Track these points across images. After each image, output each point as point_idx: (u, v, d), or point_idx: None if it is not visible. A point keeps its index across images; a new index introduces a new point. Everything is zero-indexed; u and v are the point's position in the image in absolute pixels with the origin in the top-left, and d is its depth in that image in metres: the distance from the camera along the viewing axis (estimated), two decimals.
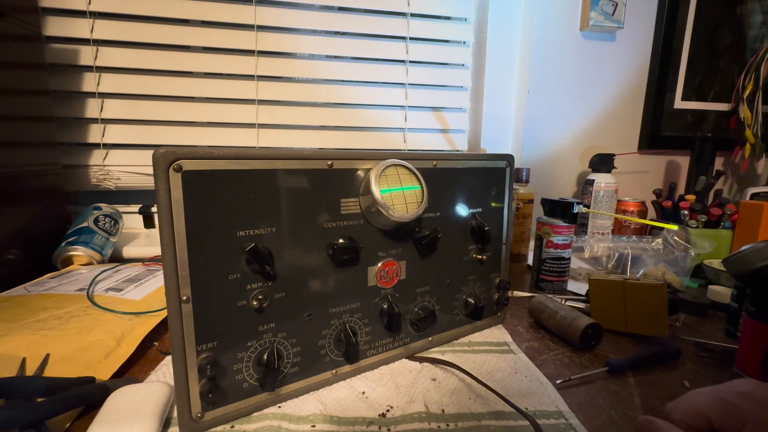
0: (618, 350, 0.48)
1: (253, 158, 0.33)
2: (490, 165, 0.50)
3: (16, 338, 0.40)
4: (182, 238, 0.30)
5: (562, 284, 0.66)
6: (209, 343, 0.33)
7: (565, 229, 0.64)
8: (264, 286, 0.35)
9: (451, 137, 1.01)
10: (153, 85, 0.83)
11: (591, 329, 0.48)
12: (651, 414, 0.29)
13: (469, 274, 0.50)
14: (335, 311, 0.40)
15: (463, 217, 0.48)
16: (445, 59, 0.98)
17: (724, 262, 0.43)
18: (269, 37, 0.86)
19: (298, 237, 0.36)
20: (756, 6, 1.03)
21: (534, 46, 0.96)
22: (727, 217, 0.81)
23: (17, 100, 0.66)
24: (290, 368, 0.37)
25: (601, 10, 0.95)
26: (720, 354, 0.47)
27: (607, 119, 1.05)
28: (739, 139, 1.04)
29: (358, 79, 0.93)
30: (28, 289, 0.54)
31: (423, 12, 0.93)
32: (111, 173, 0.84)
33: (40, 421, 0.30)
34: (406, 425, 0.34)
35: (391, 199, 0.39)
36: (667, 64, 1.02)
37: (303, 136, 0.92)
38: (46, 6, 0.76)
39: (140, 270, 0.63)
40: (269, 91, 0.88)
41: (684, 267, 0.68)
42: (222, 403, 0.34)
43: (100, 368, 0.39)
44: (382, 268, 0.42)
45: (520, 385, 0.40)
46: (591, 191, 0.93)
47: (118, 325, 0.45)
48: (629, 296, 0.51)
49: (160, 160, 0.29)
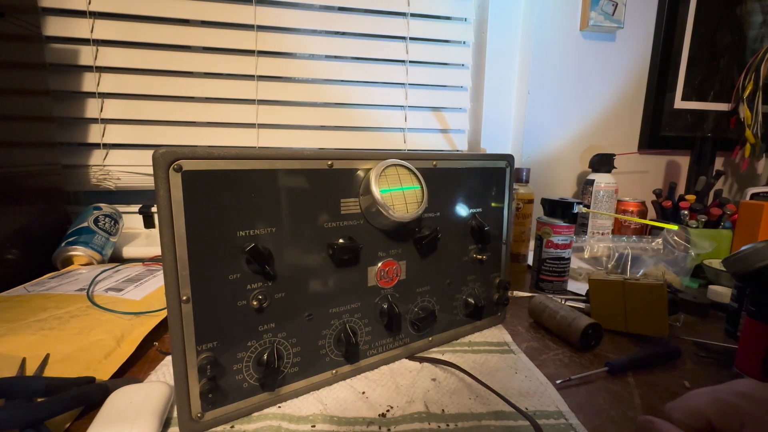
0: (618, 350, 0.48)
1: (253, 158, 0.33)
2: (490, 165, 0.50)
3: (16, 338, 0.40)
4: (182, 238, 0.30)
5: (562, 284, 0.66)
6: (209, 343, 0.33)
7: (565, 229, 0.64)
8: (264, 286, 0.35)
9: (451, 137, 1.01)
10: (153, 85, 0.83)
11: (591, 329, 0.48)
12: (651, 414, 0.29)
13: (469, 274, 0.50)
14: (335, 311, 0.40)
15: (463, 217, 0.48)
16: (445, 59, 0.98)
17: (724, 262, 0.43)
18: (269, 37, 0.86)
19: (298, 237, 0.36)
20: (756, 6, 1.03)
21: (534, 46, 0.96)
22: (727, 217, 0.81)
23: (17, 100, 0.66)
24: (290, 368, 0.37)
25: (601, 10, 0.95)
26: (720, 354, 0.47)
27: (607, 119, 1.05)
28: (739, 139, 1.04)
29: (358, 79, 0.93)
30: (28, 289, 0.54)
31: (423, 12, 0.93)
32: (111, 173, 0.84)
33: (40, 421, 0.30)
34: (406, 425, 0.34)
35: (391, 199, 0.39)
36: (667, 64, 1.02)
37: (303, 136, 0.92)
38: (46, 6, 0.76)
39: (140, 270, 0.63)
40: (269, 91, 0.88)
41: (684, 267, 0.68)
42: (222, 403, 0.34)
43: (100, 368, 0.39)
44: (382, 268, 0.42)
45: (520, 385, 0.40)
46: (591, 191, 0.93)
47: (118, 325, 0.45)
48: (629, 296, 0.51)
49: (160, 160, 0.29)
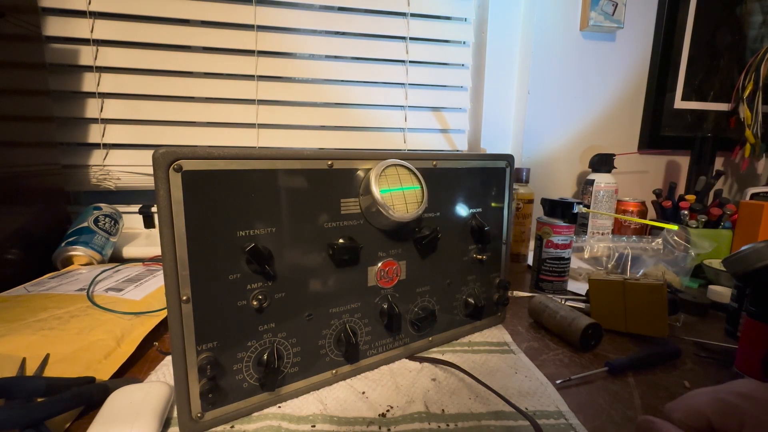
0: (618, 350, 0.48)
1: (253, 158, 0.33)
2: (490, 165, 0.50)
3: (16, 338, 0.40)
4: (182, 238, 0.30)
5: (562, 284, 0.66)
6: (209, 343, 0.33)
7: (565, 229, 0.64)
8: (264, 286, 0.35)
9: (451, 137, 1.01)
10: (153, 85, 0.83)
11: (591, 329, 0.48)
12: (650, 414, 0.29)
13: (469, 274, 0.50)
14: (335, 311, 0.40)
15: (463, 217, 0.48)
16: (445, 59, 0.98)
17: (724, 262, 0.43)
18: (269, 37, 0.86)
19: (298, 237, 0.36)
20: (756, 6, 1.03)
21: (534, 46, 0.96)
22: (727, 217, 0.81)
23: (17, 100, 0.66)
24: (290, 368, 0.37)
25: (601, 10, 0.95)
26: (720, 354, 0.47)
27: (607, 119, 1.05)
28: (739, 139, 1.04)
29: (358, 79, 0.93)
30: (28, 289, 0.54)
31: (423, 12, 0.93)
32: (111, 173, 0.84)
33: (40, 421, 0.30)
34: (406, 425, 0.34)
35: (391, 199, 0.39)
36: (667, 64, 1.02)
37: (303, 136, 0.92)
38: (46, 6, 0.76)
39: (140, 270, 0.63)
40: (269, 91, 0.88)
41: (684, 267, 0.68)
42: (222, 403, 0.34)
43: (100, 368, 0.39)
44: (382, 268, 0.42)
45: (520, 385, 0.40)
46: (591, 191, 0.93)
47: (118, 325, 0.45)
48: (629, 296, 0.51)
49: (160, 160, 0.29)
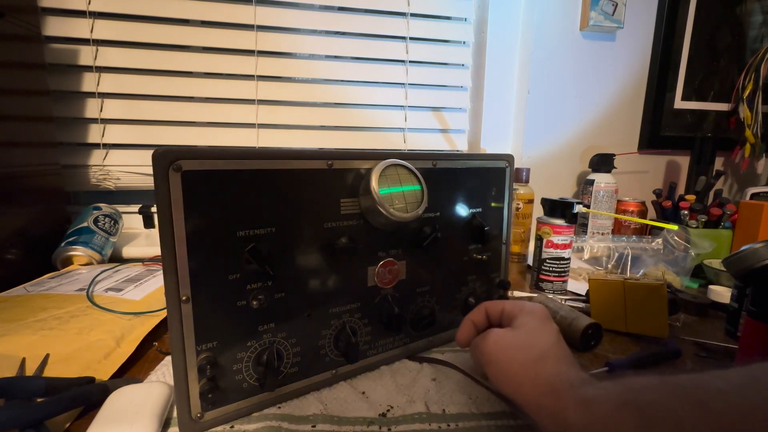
0: (618, 350, 0.48)
1: (253, 158, 0.33)
2: (490, 165, 0.50)
3: (16, 338, 0.40)
4: (182, 238, 0.30)
5: (562, 284, 0.66)
6: (209, 343, 0.33)
7: (565, 229, 0.64)
8: (264, 286, 0.35)
9: (451, 137, 1.01)
10: (153, 85, 0.83)
11: (591, 329, 0.48)
12: None
13: (469, 274, 0.50)
14: (335, 311, 0.40)
15: (463, 217, 0.48)
16: (445, 59, 0.98)
17: (724, 262, 0.43)
18: (269, 37, 0.86)
19: (297, 237, 0.36)
20: (756, 6, 1.03)
21: (534, 46, 0.96)
22: (727, 217, 0.81)
23: (17, 100, 0.66)
24: (290, 368, 0.37)
25: (601, 10, 0.95)
26: (720, 354, 0.47)
27: (607, 119, 1.05)
28: (739, 139, 1.04)
29: (358, 79, 0.93)
30: (28, 289, 0.54)
31: (423, 12, 0.93)
32: (111, 173, 0.84)
33: (40, 421, 0.30)
34: (407, 425, 0.34)
35: (391, 199, 0.39)
36: (667, 64, 1.02)
37: (303, 136, 0.92)
38: (45, 6, 0.76)
39: (140, 270, 0.63)
40: (269, 91, 0.88)
41: (684, 267, 0.68)
42: (222, 403, 0.34)
43: (100, 368, 0.39)
44: (382, 268, 0.42)
45: None
46: (591, 191, 0.93)
47: (118, 325, 0.45)
48: (629, 296, 0.51)
49: (160, 160, 0.29)
